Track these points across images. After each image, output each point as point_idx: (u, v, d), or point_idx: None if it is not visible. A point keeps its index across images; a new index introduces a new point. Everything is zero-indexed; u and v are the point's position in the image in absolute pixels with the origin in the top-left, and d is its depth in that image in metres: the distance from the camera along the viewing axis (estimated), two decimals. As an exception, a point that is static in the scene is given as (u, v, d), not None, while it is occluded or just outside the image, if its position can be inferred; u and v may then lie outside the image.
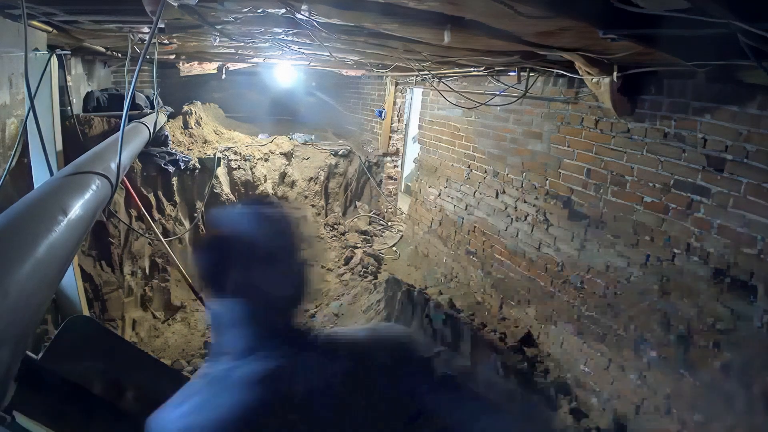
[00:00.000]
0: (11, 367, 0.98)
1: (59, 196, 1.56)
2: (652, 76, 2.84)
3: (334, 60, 4.50)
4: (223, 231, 0.90)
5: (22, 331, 1.03)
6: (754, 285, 2.42)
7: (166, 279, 4.66)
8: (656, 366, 2.93)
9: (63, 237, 1.36)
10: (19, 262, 1.10)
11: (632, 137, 3.09)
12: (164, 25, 2.48)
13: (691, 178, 2.74)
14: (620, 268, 3.20)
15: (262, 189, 6.20)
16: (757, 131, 2.39)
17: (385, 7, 1.70)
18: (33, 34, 2.44)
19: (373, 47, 3.05)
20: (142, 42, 3.01)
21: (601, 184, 3.34)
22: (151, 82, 4.19)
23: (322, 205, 6.97)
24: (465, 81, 4.85)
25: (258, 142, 6.74)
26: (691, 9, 1.19)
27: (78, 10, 2.16)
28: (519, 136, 4.16)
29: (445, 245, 5.31)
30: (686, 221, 2.77)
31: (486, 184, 4.62)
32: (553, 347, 3.78)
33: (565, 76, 3.38)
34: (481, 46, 2.54)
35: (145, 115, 4.07)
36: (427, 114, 5.76)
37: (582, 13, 1.51)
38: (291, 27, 2.41)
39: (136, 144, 3.26)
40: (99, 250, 3.94)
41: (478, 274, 4.77)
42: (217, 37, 3.01)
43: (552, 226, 3.81)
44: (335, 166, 7.13)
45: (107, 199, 1.98)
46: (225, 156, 5.79)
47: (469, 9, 1.66)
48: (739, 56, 1.64)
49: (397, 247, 6.37)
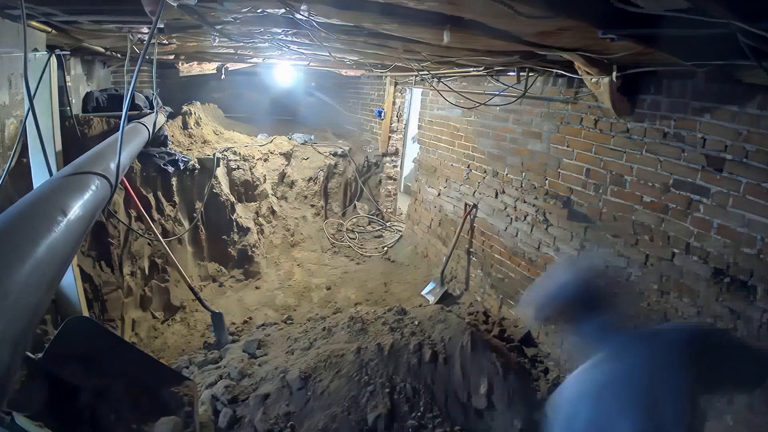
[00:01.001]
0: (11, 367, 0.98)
1: (59, 197, 1.56)
2: (652, 75, 2.85)
3: (333, 60, 4.50)
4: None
5: (22, 331, 1.03)
6: (754, 285, 2.42)
7: (166, 279, 4.66)
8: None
9: (63, 237, 1.36)
10: (19, 262, 1.10)
11: (632, 137, 3.09)
12: (164, 26, 2.49)
13: (691, 177, 2.74)
14: (620, 268, 3.20)
15: (262, 189, 6.20)
16: (757, 131, 2.40)
17: (385, 7, 1.70)
18: (32, 34, 2.44)
19: (373, 47, 3.05)
20: (141, 42, 3.01)
21: (600, 184, 3.35)
22: (150, 82, 4.19)
23: (321, 205, 6.97)
24: (464, 81, 4.86)
25: (257, 142, 6.74)
26: (691, 9, 1.19)
27: (77, 11, 2.16)
28: (518, 136, 4.17)
29: (444, 245, 5.31)
30: (686, 221, 2.77)
31: (485, 184, 4.62)
32: (553, 347, 3.78)
33: (564, 76, 3.38)
34: (480, 46, 2.54)
35: (144, 115, 4.07)
36: (427, 114, 5.76)
37: (582, 13, 1.51)
38: (290, 27, 2.41)
39: (135, 144, 3.26)
40: (98, 251, 3.93)
41: (477, 273, 4.77)
42: (216, 37, 3.01)
43: (551, 225, 3.81)
44: (335, 166, 7.13)
45: (107, 199, 1.98)
46: (224, 156, 5.79)
47: (469, 9, 1.66)
48: (738, 56, 1.65)
49: (397, 246, 6.38)
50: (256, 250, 5.68)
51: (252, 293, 5.29)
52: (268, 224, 6.19)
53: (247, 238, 5.68)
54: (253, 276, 5.56)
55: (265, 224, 6.13)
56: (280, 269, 5.83)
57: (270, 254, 5.95)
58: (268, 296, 5.22)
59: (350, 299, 5.15)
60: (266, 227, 6.13)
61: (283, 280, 5.60)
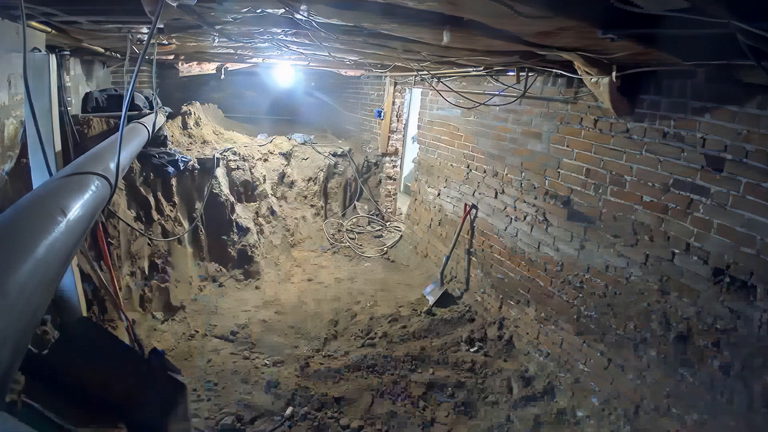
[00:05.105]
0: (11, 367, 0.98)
1: (58, 197, 1.56)
2: (651, 75, 2.84)
3: (333, 60, 4.50)
4: None
5: (22, 331, 1.03)
6: (754, 285, 2.42)
7: (166, 279, 4.66)
8: (656, 365, 2.94)
9: (62, 237, 1.36)
10: (18, 262, 1.10)
11: (631, 137, 3.09)
12: (163, 26, 2.48)
13: (691, 177, 2.74)
14: (620, 268, 3.20)
15: (262, 189, 6.20)
16: (757, 131, 2.40)
17: (385, 8, 1.70)
18: (32, 34, 2.44)
19: (372, 47, 3.05)
20: (141, 42, 3.01)
21: (600, 184, 3.35)
22: (150, 82, 4.19)
23: (321, 205, 6.96)
24: (464, 81, 4.86)
25: (257, 142, 6.74)
26: (690, 9, 1.19)
27: (77, 11, 2.16)
28: (518, 136, 4.17)
29: (444, 245, 5.31)
30: (686, 221, 2.77)
31: (485, 184, 4.62)
32: (553, 347, 3.78)
33: (564, 75, 3.38)
34: (480, 46, 2.54)
35: (144, 115, 4.07)
36: (426, 114, 5.76)
37: (581, 13, 1.52)
38: (290, 27, 2.41)
39: (135, 144, 3.26)
40: (97, 251, 3.92)
41: (477, 273, 4.77)
42: (216, 37, 3.01)
43: (551, 225, 3.81)
44: (334, 166, 7.12)
45: (106, 199, 1.98)
46: (224, 156, 5.79)
47: (469, 9, 1.66)
48: (738, 56, 1.65)
49: (397, 247, 6.38)
50: (255, 251, 5.68)
51: (252, 293, 5.29)
52: (267, 224, 6.19)
53: (247, 238, 5.68)
54: (252, 276, 5.56)
55: (264, 224, 6.13)
56: (280, 269, 5.83)
57: (270, 254, 5.95)
58: (267, 296, 5.22)
59: (350, 299, 5.15)
60: (266, 227, 6.13)
61: (282, 281, 5.60)
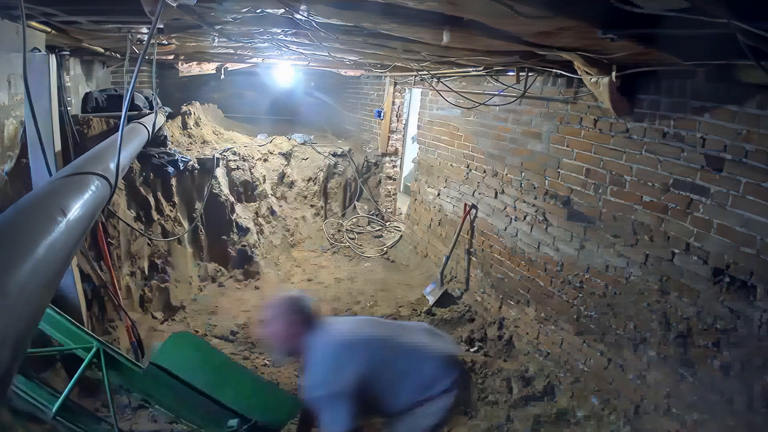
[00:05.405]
0: (11, 367, 0.98)
1: (58, 197, 1.56)
2: (651, 75, 2.84)
3: (333, 60, 4.50)
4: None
5: (22, 331, 1.03)
6: (754, 285, 2.42)
7: (165, 279, 4.65)
8: (656, 365, 2.94)
9: (62, 237, 1.36)
10: (18, 262, 1.10)
11: (631, 137, 3.09)
12: (163, 26, 2.48)
13: (690, 177, 2.74)
14: (619, 268, 3.20)
15: (261, 189, 6.20)
16: (756, 131, 2.39)
17: (385, 8, 1.70)
18: (32, 34, 2.44)
19: (372, 47, 3.05)
20: (140, 42, 3.00)
21: (600, 184, 3.35)
22: (150, 82, 4.19)
23: (321, 205, 6.96)
24: (464, 81, 4.86)
25: (257, 142, 6.73)
26: (690, 9, 1.19)
27: (77, 11, 2.16)
28: (518, 136, 4.17)
29: (444, 245, 5.31)
30: (685, 221, 2.77)
31: (485, 184, 4.62)
32: (553, 346, 3.78)
33: (564, 75, 3.38)
34: (480, 46, 2.54)
35: (144, 115, 4.06)
36: (426, 114, 5.76)
37: (581, 12, 1.52)
38: (290, 27, 2.41)
39: (135, 144, 3.26)
40: (97, 251, 3.92)
41: (477, 273, 4.77)
42: (216, 37, 3.01)
43: (551, 225, 3.81)
44: (334, 166, 7.12)
45: (106, 199, 1.98)
46: (224, 156, 5.79)
47: (469, 9, 1.66)
48: (738, 56, 1.65)
49: (397, 247, 6.38)
50: (255, 251, 5.68)
51: (252, 293, 5.29)
52: (267, 224, 6.19)
53: (247, 238, 5.68)
54: (252, 276, 5.56)
55: (264, 224, 6.13)
56: (280, 269, 5.83)
57: (270, 254, 5.95)
58: (267, 296, 5.22)
59: (350, 299, 5.15)
60: (266, 227, 6.13)
61: (282, 281, 5.60)
